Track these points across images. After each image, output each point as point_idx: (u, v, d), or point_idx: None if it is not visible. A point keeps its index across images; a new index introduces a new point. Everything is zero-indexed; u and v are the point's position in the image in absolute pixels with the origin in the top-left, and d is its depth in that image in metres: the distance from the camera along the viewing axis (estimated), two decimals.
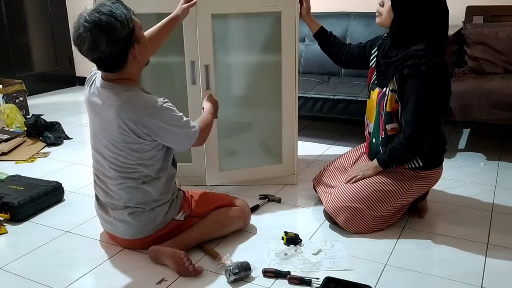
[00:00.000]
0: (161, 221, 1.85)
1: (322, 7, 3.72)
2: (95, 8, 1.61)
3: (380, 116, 2.01)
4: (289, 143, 2.49)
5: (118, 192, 1.80)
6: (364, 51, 2.20)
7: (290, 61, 2.36)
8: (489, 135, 3.40)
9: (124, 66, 1.69)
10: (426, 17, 1.86)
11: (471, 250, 1.91)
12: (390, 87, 1.93)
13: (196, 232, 1.91)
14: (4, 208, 2.19)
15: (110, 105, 1.69)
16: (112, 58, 1.64)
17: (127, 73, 1.72)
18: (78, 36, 1.60)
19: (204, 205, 1.97)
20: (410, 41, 1.89)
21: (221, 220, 1.96)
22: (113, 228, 1.90)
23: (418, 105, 1.86)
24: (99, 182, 1.87)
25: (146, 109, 1.68)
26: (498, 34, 3.01)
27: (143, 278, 1.76)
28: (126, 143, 1.72)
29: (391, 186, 2.00)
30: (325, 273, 1.74)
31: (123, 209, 1.82)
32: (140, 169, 1.77)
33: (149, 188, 1.80)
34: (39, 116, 3.45)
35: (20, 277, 1.78)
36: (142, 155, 1.75)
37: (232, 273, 1.69)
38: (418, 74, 1.83)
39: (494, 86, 2.73)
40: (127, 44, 1.64)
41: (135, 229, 1.84)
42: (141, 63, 1.75)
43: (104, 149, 1.78)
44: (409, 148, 1.93)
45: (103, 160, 1.80)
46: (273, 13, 2.29)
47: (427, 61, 1.80)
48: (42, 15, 4.95)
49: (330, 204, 2.06)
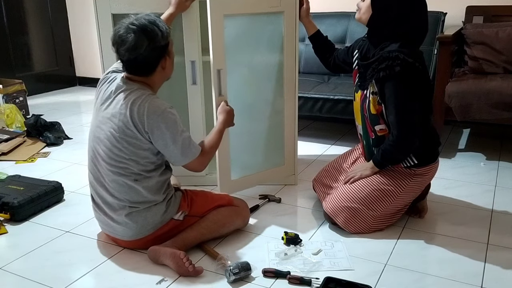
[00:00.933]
0: (159, 220, 1.85)
1: (322, 7, 3.72)
2: (142, 15, 1.76)
3: (366, 118, 2.02)
4: (289, 143, 2.49)
5: (112, 191, 1.82)
6: (348, 54, 2.22)
7: (290, 61, 2.36)
8: (489, 135, 3.40)
9: (151, 74, 1.80)
10: (404, 16, 1.87)
11: (471, 250, 1.91)
12: (370, 89, 1.95)
13: (196, 232, 1.91)
14: (4, 208, 2.19)
15: (124, 96, 1.76)
16: (146, 62, 1.76)
17: (151, 81, 1.82)
18: (120, 36, 1.72)
19: (204, 204, 1.97)
20: (385, 41, 1.90)
21: (221, 219, 1.96)
22: (112, 230, 1.91)
23: (399, 107, 1.87)
24: (95, 182, 1.88)
25: (156, 109, 1.75)
26: (498, 34, 3.01)
27: (143, 278, 1.76)
28: (125, 135, 1.76)
29: (388, 185, 2.00)
30: (325, 273, 1.74)
31: (120, 210, 1.82)
32: (132, 165, 1.78)
33: (140, 187, 1.80)
34: (39, 116, 3.45)
35: (20, 277, 1.78)
36: (136, 151, 1.77)
37: (233, 273, 1.69)
38: (393, 76, 1.84)
39: (494, 86, 2.73)
40: (162, 54, 1.78)
41: (133, 230, 1.84)
42: (165, 76, 1.86)
43: (101, 142, 1.80)
44: (399, 149, 1.94)
45: (99, 156, 1.82)
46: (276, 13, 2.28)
47: (400, 62, 1.81)
48: (42, 15, 4.95)
49: (329, 205, 2.06)
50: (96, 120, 1.85)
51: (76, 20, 5.16)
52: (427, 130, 1.98)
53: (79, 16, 5.11)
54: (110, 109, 1.79)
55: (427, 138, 1.99)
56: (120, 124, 1.75)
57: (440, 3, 3.37)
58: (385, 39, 1.90)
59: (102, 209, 1.89)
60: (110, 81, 1.87)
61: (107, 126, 1.78)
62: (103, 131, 1.80)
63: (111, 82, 1.86)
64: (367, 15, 1.94)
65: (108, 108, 1.80)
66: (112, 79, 1.87)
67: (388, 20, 1.89)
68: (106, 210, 1.87)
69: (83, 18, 5.08)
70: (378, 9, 1.91)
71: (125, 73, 1.82)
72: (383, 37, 1.92)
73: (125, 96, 1.76)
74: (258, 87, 2.41)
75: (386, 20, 1.90)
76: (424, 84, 1.92)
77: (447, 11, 3.32)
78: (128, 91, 1.77)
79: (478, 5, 3.30)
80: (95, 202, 1.92)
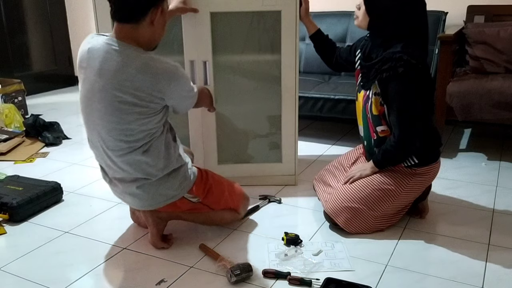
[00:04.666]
0: (170, 195, 1.86)
1: (322, 7, 3.71)
2: None
3: (368, 119, 2.02)
4: (289, 143, 2.48)
5: (120, 165, 1.79)
6: (350, 53, 2.22)
7: (290, 60, 2.35)
8: (491, 135, 3.39)
9: (139, 22, 1.69)
10: (401, 18, 1.87)
11: (472, 250, 1.91)
12: (373, 90, 1.95)
13: (193, 217, 2.00)
14: (3, 208, 2.18)
15: (128, 64, 1.67)
16: (135, 4, 1.66)
17: (139, 33, 1.71)
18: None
19: (219, 201, 1.99)
20: (388, 42, 1.90)
21: (220, 221, 2.05)
22: (122, 198, 1.93)
23: (402, 108, 1.88)
24: (100, 156, 1.84)
25: (165, 74, 1.70)
26: (500, 33, 3.00)
27: (142, 278, 1.75)
28: (135, 106, 1.69)
29: (389, 185, 1.99)
30: (326, 274, 1.73)
31: (131, 182, 1.82)
32: (140, 136, 1.73)
33: (149, 159, 1.77)
34: (38, 116, 3.44)
35: (19, 278, 1.77)
36: (145, 119, 1.72)
37: (234, 274, 1.68)
38: (396, 77, 1.84)
39: (495, 85, 2.72)
40: (155, 1, 1.69)
41: (143, 201, 1.85)
42: (152, 35, 1.74)
43: (103, 115, 1.72)
44: (400, 150, 1.94)
45: (103, 130, 1.75)
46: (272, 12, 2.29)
47: (404, 63, 1.81)
48: (41, 15, 4.94)
49: (329, 205, 2.05)
50: (93, 89, 1.72)
51: (75, 20, 5.15)
52: (428, 130, 1.98)
53: (78, 15, 5.11)
54: (113, 74, 1.68)
55: (428, 138, 1.98)
56: (127, 96, 1.67)
57: (441, 2, 3.37)
58: (388, 40, 1.90)
59: (111, 180, 1.88)
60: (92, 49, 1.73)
61: (113, 95, 1.68)
62: (106, 101, 1.70)
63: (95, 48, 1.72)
64: (365, 22, 1.95)
65: (109, 74, 1.68)
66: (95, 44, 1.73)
67: (387, 23, 1.89)
68: (116, 182, 1.86)
69: (82, 18, 5.07)
70: (374, 14, 1.92)
71: (115, 26, 1.71)
72: (385, 38, 1.91)
73: (130, 63, 1.67)
74: (253, 81, 2.44)
75: (384, 24, 1.90)
76: (427, 85, 1.91)
77: (448, 10, 3.31)
78: (131, 56, 1.68)
79: (479, 5, 3.29)
80: (105, 172, 1.90)
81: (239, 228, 2.11)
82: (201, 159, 2.47)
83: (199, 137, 2.45)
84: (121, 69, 1.67)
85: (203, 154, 2.47)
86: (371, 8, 1.92)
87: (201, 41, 2.30)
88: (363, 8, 1.95)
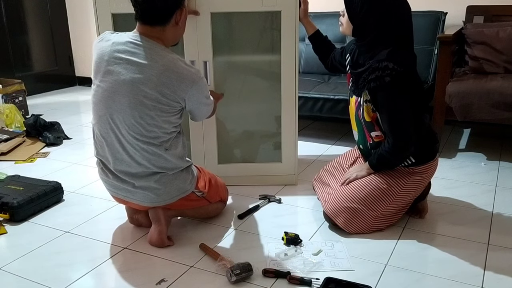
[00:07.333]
0: (184, 189, 1.92)
1: (322, 7, 3.72)
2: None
3: (362, 125, 2.03)
4: (289, 143, 2.49)
5: (138, 159, 1.81)
6: (342, 56, 2.23)
7: (290, 60, 2.36)
8: (490, 135, 3.40)
9: (165, 24, 1.77)
10: (383, 26, 1.86)
11: (472, 250, 1.91)
12: (363, 97, 1.95)
13: (198, 213, 2.09)
14: (4, 208, 2.18)
15: (155, 60, 1.73)
16: (163, 9, 1.74)
17: (164, 36, 1.79)
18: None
19: (215, 194, 2.10)
20: (374, 49, 1.89)
21: (216, 211, 2.17)
22: (129, 195, 1.90)
23: (392, 116, 1.88)
24: (110, 150, 1.83)
25: (189, 78, 1.77)
26: (499, 34, 3.00)
27: (142, 278, 1.75)
28: (158, 102, 1.75)
29: (388, 184, 2.00)
30: (325, 274, 1.74)
31: (148, 176, 1.84)
32: (159, 133, 1.79)
33: (169, 156, 1.84)
34: (39, 116, 3.44)
35: (19, 278, 1.77)
36: (168, 117, 1.79)
37: (234, 274, 1.69)
38: (384, 87, 1.83)
39: (494, 86, 2.73)
40: (179, 3, 1.77)
41: (158, 196, 1.88)
42: (176, 35, 1.84)
43: (126, 109, 1.74)
44: (394, 156, 1.95)
45: (122, 124, 1.76)
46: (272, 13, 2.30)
47: (390, 72, 1.81)
48: (41, 15, 4.95)
49: (329, 205, 2.06)
50: (113, 86, 1.75)
51: (76, 20, 5.15)
52: (422, 130, 1.98)
53: (79, 15, 5.11)
54: (139, 70, 1.72)
55: (423, 137, 1.99)
56: (153, 92, 1.72)
57: (440, 2, 3.37)
58: (374, 46, 1.89)
59: (118, 176, 1.87)
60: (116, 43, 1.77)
61: (137, 92, 1.72)
62: (129, 98, 1.73)
63: (116, 43, 1.77)
64: (349, 29, 1.95)
65: (132, 71, 1.72)
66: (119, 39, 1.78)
67: (370, 30, 1.88)
68: (126, 178, 1.86)
69: (82, 18, 5.07)
70: (357, 22, 1.91)
71: (138, 26, 1.78)
72: (370, 45, 1.90)
73: (156, 60, 1.73)
74: (253, 81, 2.46)
75: (367, 30, 1.89)
76: (416, 89, 1.91)
77: (447, 10, 3.32)
78: (158, 53, 1.74)
79: (478, 5, 3.30)
80: (108, 169, 1.89)
81: (239, 228, 2.12)
82: (201, 159, 2.48)
83: (199, 137, 2.46)
84: (149, 64, 1.73)
85: (203, 154, 2.48)
86: (352, 16, 1.91)
87: (202, 41, 2.31)
88: (346, 15, 1.95)
